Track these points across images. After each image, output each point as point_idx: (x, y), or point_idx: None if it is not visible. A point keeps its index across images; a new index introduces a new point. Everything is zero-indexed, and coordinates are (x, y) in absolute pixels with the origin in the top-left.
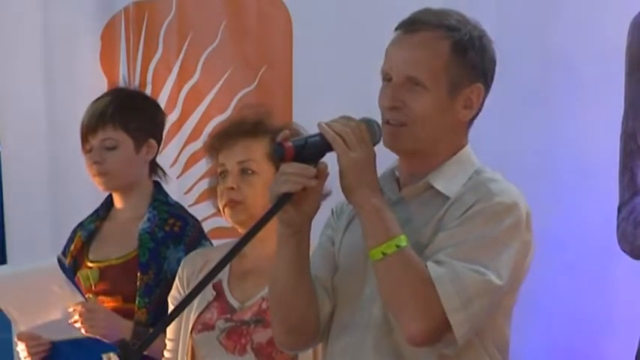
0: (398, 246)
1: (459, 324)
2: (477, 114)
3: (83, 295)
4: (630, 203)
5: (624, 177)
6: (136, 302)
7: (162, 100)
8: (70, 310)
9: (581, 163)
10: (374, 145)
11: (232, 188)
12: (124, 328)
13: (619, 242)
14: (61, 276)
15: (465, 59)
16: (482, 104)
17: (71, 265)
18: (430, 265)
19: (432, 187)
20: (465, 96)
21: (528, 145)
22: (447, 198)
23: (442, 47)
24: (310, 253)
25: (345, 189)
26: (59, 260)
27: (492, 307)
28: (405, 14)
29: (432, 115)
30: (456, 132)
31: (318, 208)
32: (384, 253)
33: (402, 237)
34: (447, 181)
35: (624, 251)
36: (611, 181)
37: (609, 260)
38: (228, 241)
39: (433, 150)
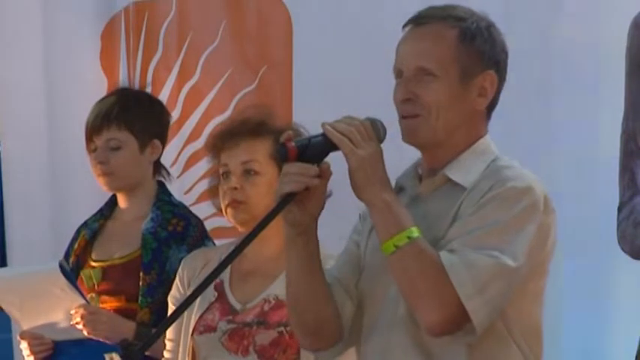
0: (409, 237)
1: (476, 310)
2: (493, 104)
3: (85, 299)
4: (630, 203)
5: (624, 177)
6: (139, 302)
7: (162, 100)
8: (72, 312)
9: (582, 162)
10: (380, 142)
11: (235, 188)
12: (127, 330)
13: (619, 242)
14: (63, 279)
15: (473, 46)
16: (497, 94)
17: (74, 264)
18: (442, 253)
19: (449, 179)
20: (477, 84)
21: (529, 144)
22: (464, 189)
23: (449, 36)
24: (320, 254)
25: (355, 187)
26: (61, 265)
27: (509, 290)
28: (405, 14)
29: (445, 103)
30: (473, 122)
31: (322, 207)
32: (396, 246)
33: (414, 228)
34: (464, 171)
35: (624, 251)
36: (610, 181)
37: (609, 260)
38: (230, 241)
39: (450, 140)
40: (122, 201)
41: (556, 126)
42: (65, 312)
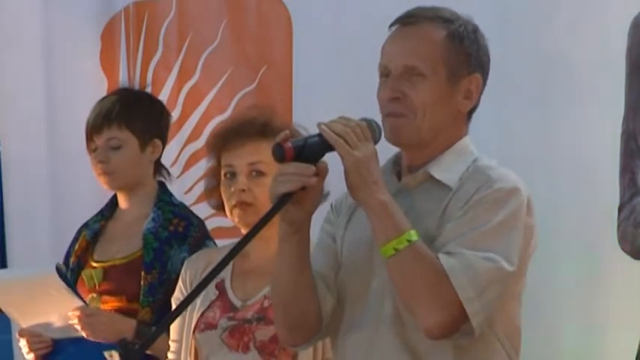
0: (409, 240)
1: (475, 313)
2: (475, 106)
3: (83, 300)
4: (630, 203)
5: (624, 177)
6: (140, 302)
7: (162, 100)
8: (70, 314)
9: (581, 163)
10: (375, 143)
11: (244, 190)
12: (126, 328)
13: (619, 242)
14: (60, 282)
15: (462, 48)
16: (479, 96)
17: (75, 265)
18: (442, 256)
19: (430, 176)
20: (464, 86)
21: (527, 146)
22: (449, 188)
23: (439, 36)
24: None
25: (350, 188)
26: (58, 269)
27: (504, 293)
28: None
29: (432, 104)
30: (456, 123)
31: (318, 205)
32: (395, 249)
33: (412, 231)
34: (446, 170)
35: (624, 251)
36: (610, 182)
37: (609, 260)
38: (232, 242)
39: (434, 141)
40: (123, 201)
41: (556, 126)
42: (63, 315)
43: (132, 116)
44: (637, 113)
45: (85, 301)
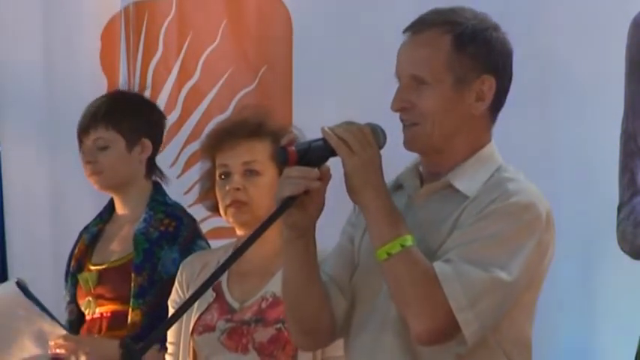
0: (403, 245)
1: (467, 323)
2: (496, 106)
3: (50, 314)
4: (630, 203)
5: (624, 177)
6: (131, 303)
7: (162, 100)
8: (51, 344)
9: (580, 163)
10: (379, 148)
11: (238, 189)
12: (112, 351)
13: (619, 242)
14: (24, 299)
15: (468, 53)
16: (499, 97)
17: (75, 269)
18: (437, 264)
19: (451, 185)
20: (475, 89)
21: (527, 146)
22: (466, 197)
23: (443, 43)
24: (318, 255)
25: (350, 191)
26: (18, 284)
27: (504, 304)
28: (404, 15)
29: (440, 111)
30: (472, 127)
31: (322, 210)
32: (388, 253)
33: (408, 236)
34: (468, 179)
35: (624, 251)
36: (610, 181)
37: (609, 260)
38: (226, 243)
39: (450, 147)
40: (117, 203)
41: (556, 126)
42: (33, 333)
43: (117, 116)
44: (636, 113)
45: (51, 315)
